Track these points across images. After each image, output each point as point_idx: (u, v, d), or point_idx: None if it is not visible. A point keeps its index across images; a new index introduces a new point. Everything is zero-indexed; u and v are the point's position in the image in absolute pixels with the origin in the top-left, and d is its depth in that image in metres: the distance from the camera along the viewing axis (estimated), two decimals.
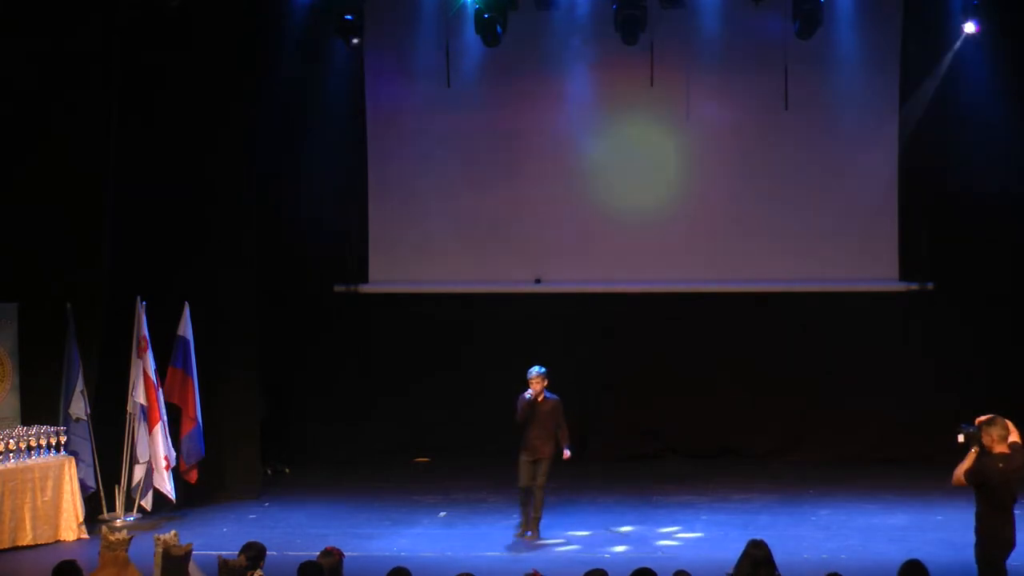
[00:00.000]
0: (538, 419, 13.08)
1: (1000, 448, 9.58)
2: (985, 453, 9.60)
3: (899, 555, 8.66)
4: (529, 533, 13.11)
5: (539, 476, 13.11)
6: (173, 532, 9.09)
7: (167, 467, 14.16)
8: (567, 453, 13.28)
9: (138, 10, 14.47)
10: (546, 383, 13.10)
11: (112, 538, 8.85)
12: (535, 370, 13.09)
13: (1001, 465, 9.54)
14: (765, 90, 16.33)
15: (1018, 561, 10.23)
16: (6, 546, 13.03)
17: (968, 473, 9.64)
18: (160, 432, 14.17)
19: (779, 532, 13.18)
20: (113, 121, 14.43)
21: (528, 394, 13.06)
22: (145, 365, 14.23)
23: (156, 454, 14.16)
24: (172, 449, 14.24)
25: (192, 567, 8.99)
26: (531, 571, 8.22)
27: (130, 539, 8.99)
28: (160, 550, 8.78)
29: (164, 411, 14.24)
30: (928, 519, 13.72)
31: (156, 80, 14.88)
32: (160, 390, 14.21)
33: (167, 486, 14.21)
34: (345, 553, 8.94)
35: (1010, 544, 9.73)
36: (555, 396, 13.17)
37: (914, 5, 16.35)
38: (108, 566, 8.72)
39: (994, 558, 9.70)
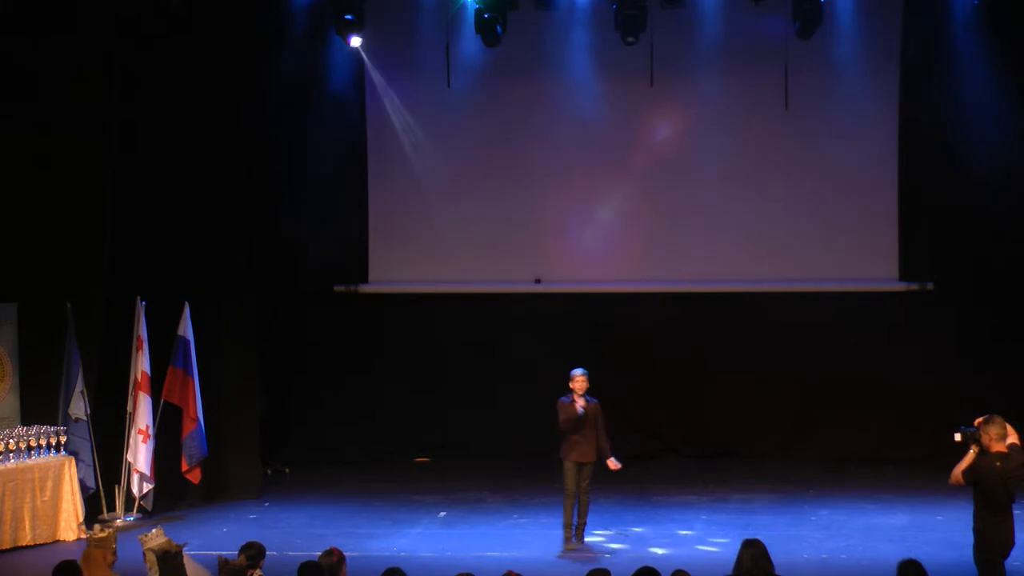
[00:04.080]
0: (588, 422, 12.72)
1: (998, 447, 9.58)
2: (983, 452, 9.61)
3: (899, 555, 8.65)
4: (575, 542, 12.84)
5: (583, 481, 12.74)
6: (155, 530, 9.07)
7: (136, 472, 14.19)
8: (615, 464, 12.81)
9: (138, 9, 14.47)
10: (587, 384, 12.77)
11: (98, 536, 8.86)
12: (580, 371, 12.75)
13: (998, 464, 9.55)
14: (765, 90, 16.32)
15: (1018, 561, 10.24)
16: (6, 546, 13.03)
17: (965, 472, 9.64)
18: (134, 435, 14.18)
19: (779, 532, 13.18)
20: (113, 120, 14.44)
21: (571, 399, 12.66)
22: (135, 366, 14.25)
23: (132, 456, 14.24)
24: (147, 458, 14.17)
25: (189, 563, 8.98)
26: (507, 573, 8.18)
27: (114, 535, 9.00)
28: (149, 548, 8.76)
29: (150, 415, 14.23)
30: (928, 519, 13.73)
31: (156, 80, 14.90)
32: (143, 393, 14.20)
33: (136, 492, 14.25)
34: (345, 553, 8.94)
35: (1008, 544, 9.73)
36: (594, 400, 12.85)
37: (914, 5, 16.35)
38: (86, 565, 8.71)
39: (993, 558, 9.70)
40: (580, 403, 12.68)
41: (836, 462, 16.57)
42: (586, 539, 12.92)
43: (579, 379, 12.73)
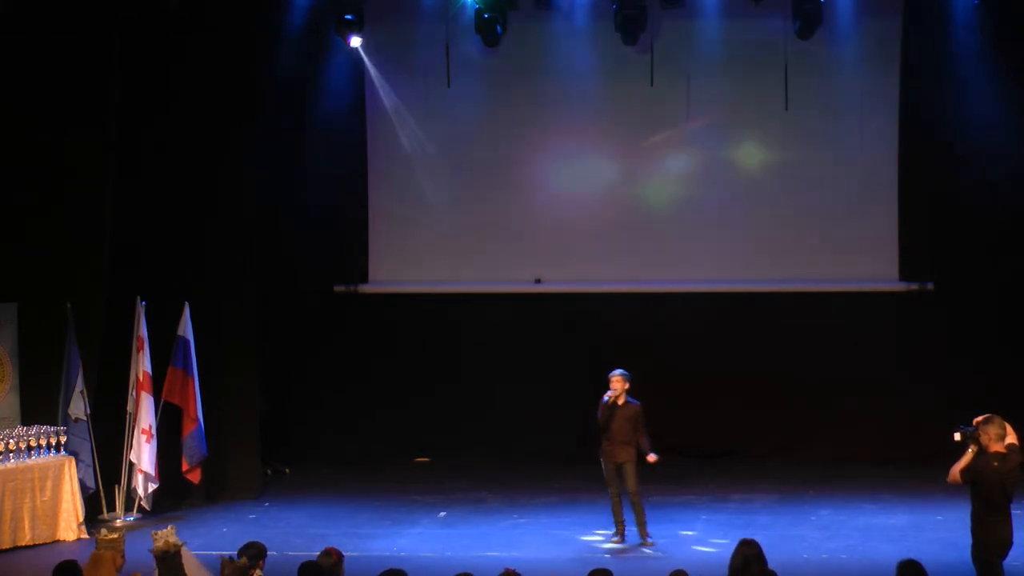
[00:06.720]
0: (616, 424, 12.72)
1: (996, 448, 9.58)
2: (981, 452, 9.61)
3: (899, 555, 8.66)
4: (617, 538, 12.90)
5: (628, 483, 12.73)
6: (170, 527, 9.07)
7: (140, 472, 14.20)
8: (652, 457, 12.80)
9: (138, 12, 14.47)
10: (627, 386, 12.75)
11: (108, 537, 8.85)
12: (617, 372, 12.80)
13: (996, 464, 9.55)
14: (765, 90, 16.33)
15: (1017, 561, 10.24)
16: (6, 546, 13.05)
17: (963, 471, 9.65)
18: (138, 435, 14.19)
19: (779, 532, 13.19)
20: (113, 122, 14.44)
21: (608, 396, 12.73)
22: (136, 366, 14.26)
23: (135, 456, 14.26)
24: (151, 458, 14.18)
25: (191, 560, 8.97)
26: (504, 570, 8.17)
27: (123, 537, 9.00)
28: (158, 546, 8.77)
29: (152, 415, 14.23)
30: (928, 519, 13.74)
31: (156, 81, 14.90)
32: (145, 393, 14.20)
33: (140, 492, 14.26)
34: (345, 553, 8.93)
35: (1006, 544, 9.73)
36: (636, 401, 12.83)
37: (914, 5, 16.35)
38: (94, 567, 8.70)
39: (991, 559, 9.70)
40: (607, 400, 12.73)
41: (836, 462, 16.55)
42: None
43: (611, 380, 12.81)
